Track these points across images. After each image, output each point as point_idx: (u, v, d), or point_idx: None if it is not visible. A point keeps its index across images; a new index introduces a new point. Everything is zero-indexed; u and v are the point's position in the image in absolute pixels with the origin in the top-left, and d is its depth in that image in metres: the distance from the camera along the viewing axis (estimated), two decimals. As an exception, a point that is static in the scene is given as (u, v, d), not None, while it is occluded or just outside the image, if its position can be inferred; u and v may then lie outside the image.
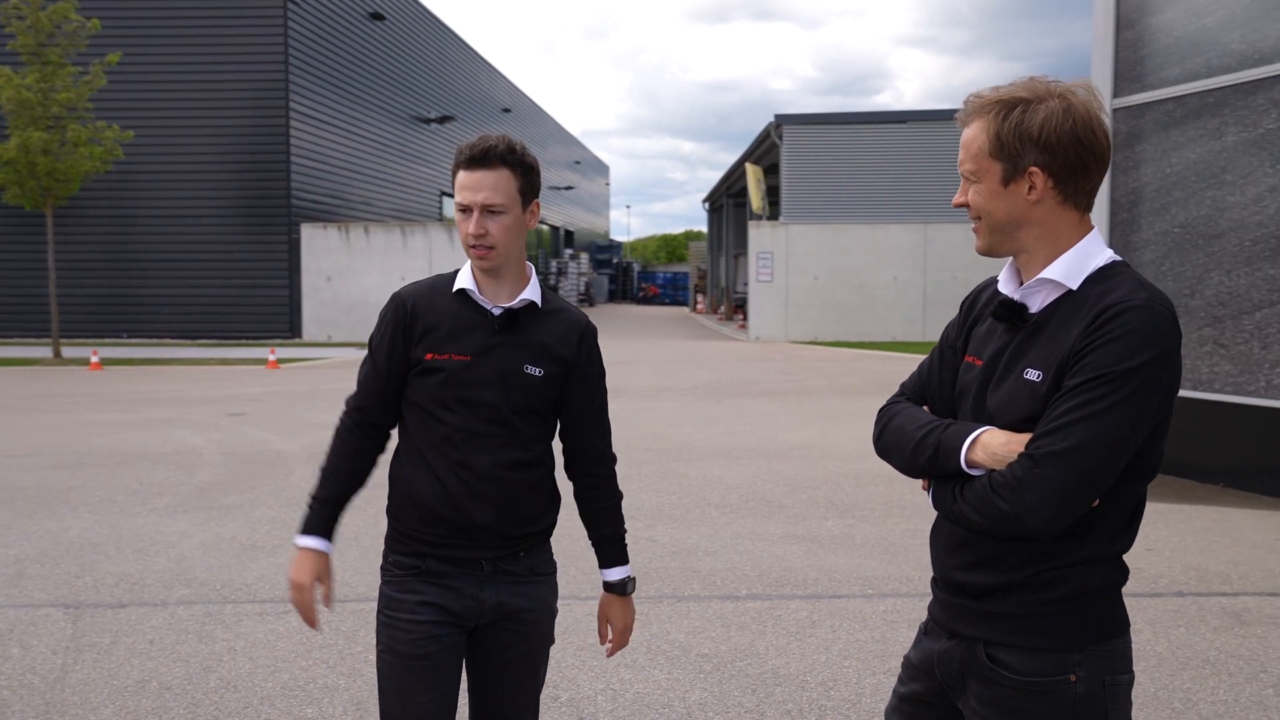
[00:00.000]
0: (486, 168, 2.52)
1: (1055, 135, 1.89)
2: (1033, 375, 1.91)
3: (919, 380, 2.20)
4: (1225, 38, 8.49)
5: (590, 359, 2.71)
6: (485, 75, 46.31)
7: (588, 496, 2.76)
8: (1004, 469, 1.87)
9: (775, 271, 27.37)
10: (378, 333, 2.66)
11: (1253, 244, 8.25)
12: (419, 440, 2.61)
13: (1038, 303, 1.98)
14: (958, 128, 2.06)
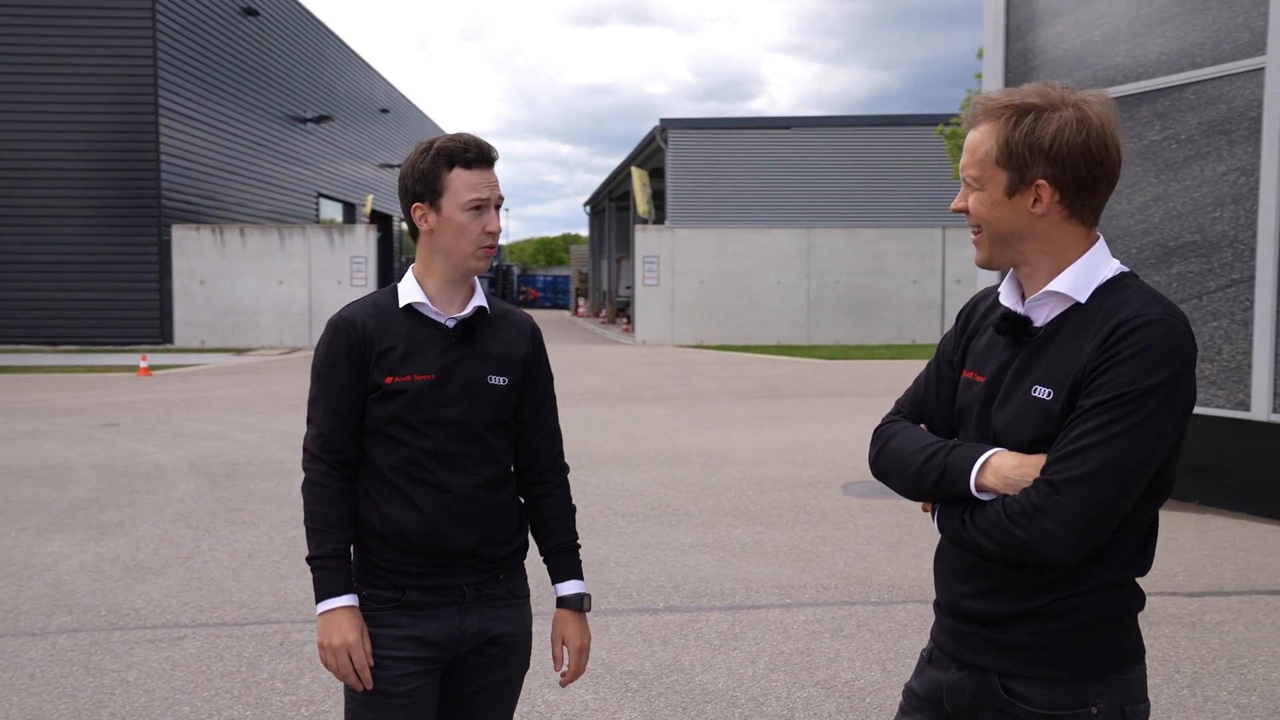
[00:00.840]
0: (490, 165, 2.45)
1: (1067, 147, 1.81)
2: (1042, 393, 1.83)
3: (915, 397, 2.11)
4: (1111, 51, 8.73)
5: (541, 361, 2.62)
6: (362, 74, 45.37)
7: (540, 506, 2.63)
8: (1018, 494, 1.78)
9: (661, 275, 27.42)
10: (326, 364, 2.47)
11: (1139, 251, 8.50)
12: (384, 467, 2.45)
13: (1043, 316, 1.90)
14: (962, 128, 1.97)
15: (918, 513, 7.91)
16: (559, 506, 2.63)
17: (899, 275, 28.08)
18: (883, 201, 29.22)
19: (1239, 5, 7.78)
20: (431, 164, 2.43)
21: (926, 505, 2.03)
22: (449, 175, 2.41)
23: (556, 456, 2.65)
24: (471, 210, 2.42)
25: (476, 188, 2.40)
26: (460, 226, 2.43)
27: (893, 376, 19.21)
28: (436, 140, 2.45)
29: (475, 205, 2.41)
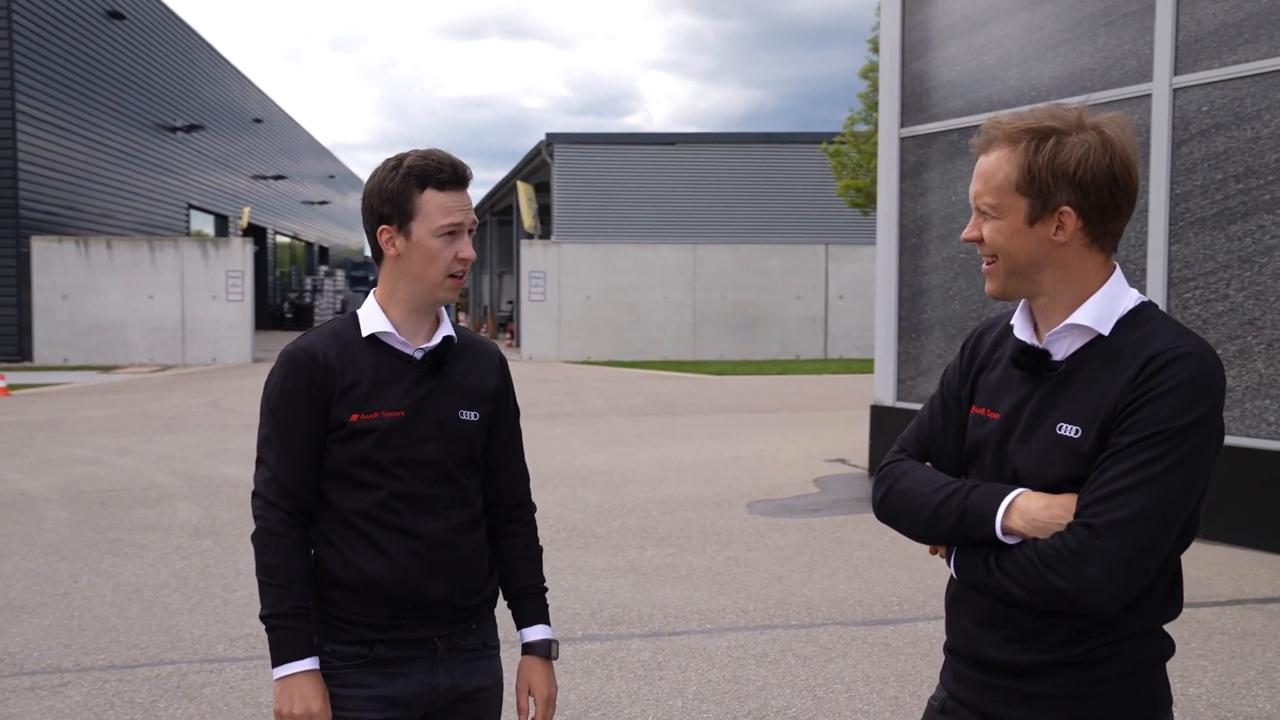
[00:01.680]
0: (464, 187, 2.25)
1: (1092, 173, 1.73)
2: (1069, 431, 1.74)
3: (919, 434, 2.00)
4: (1004, 74, 8.92)
5: (509, 393, 2.45)
6: (235, 83, 44.04)
7: (505, 546, 2.45)
8: (1051, 539, 1.69)
9: (548, 290, 27.22)
10: (282, 401, 2.25)
11: (1034, 270, 8.68)
12: (347, 511, 2.24)
13: (1063, 349, 1.82)
14: (971, 153, 1.88)
15: (828, 532, 7.90)
16: (525, 547, 2.46)
17: (783, 291, 28.43)
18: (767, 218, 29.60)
19: (1126, 34, 8.02)
20: (401, 184, 2.24)
21: (937, 549, 1.93)
22: (420, 197, 2.22)
23: (524, 495, 2.49)
24: (444, 236, 2.23)
25: (450, 211, 2.22)
26: (431, 253, 2.24)
27: (782, 392, 19.38)
28: (407, 157, 2.25)
29: (448, 231, 2.22)
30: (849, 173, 24.36)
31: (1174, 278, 7.69)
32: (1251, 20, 7.27)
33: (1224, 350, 7.41)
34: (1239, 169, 7.33)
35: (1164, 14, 7.71)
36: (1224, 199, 7.41)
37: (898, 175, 9.83)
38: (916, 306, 9.74)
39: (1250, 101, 7.27)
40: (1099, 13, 8.19)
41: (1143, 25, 7.89)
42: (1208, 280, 7.51)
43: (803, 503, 9.05)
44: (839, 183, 24.64)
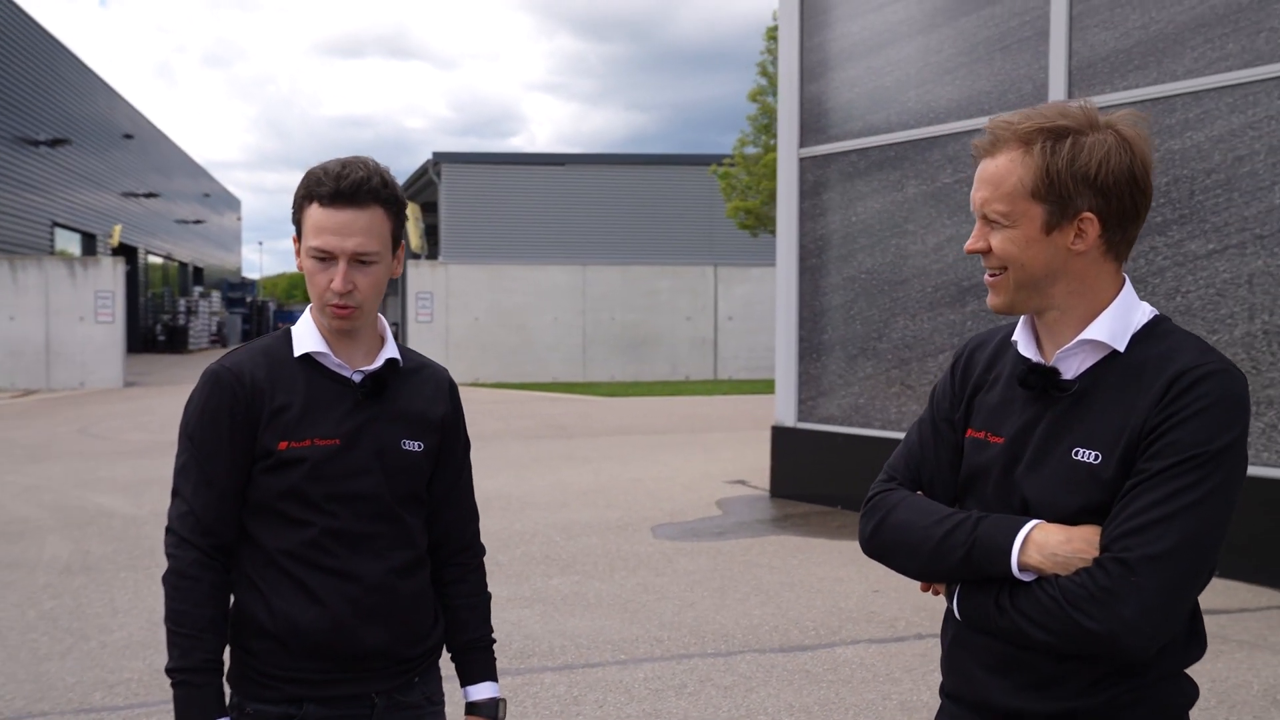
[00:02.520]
0: (357, 205, 1.96)
1: (1114, 175, 1.60)
2: (1086, 456, 1.60)
3: (909, 461, 1.84)
4: (903, 96, 8.99)
5: (459, 422, 2.23)
6: (104, 97, 42.35)
7: (451, 593, 2.23)
8: (1076, 576, 1.54)
9: (435, 312, 26.71)
10: (202, 425, 2.01)
11: (934, 290, 8.74)
12: (274, 551, 2.00)
13: (1074, 368, 1.68)
14: (972, 156, 1.73)
15: (735, 555, 7.78)
16: (472, 594, 2.24)
17: (673, 312, 28.45)
18: (656, 239, 29.62)
19: (1021, 58, 8.15)
20: (298, 192, 2.02)
21: (935, 587, 1.77)
22: (306, 210, 2.00)
23: (472, 536, 2.26)
24: (315, 259, 1.99)
25: (320, 232, 1.96)
26: (308, 274, 2.01)
27: (675, 413, 19.31)
28: (322, 162, 2.03)
29: (317, 256, 1.98)
30: (739, 194, 24.52)
31: (1071, 298, 7.80)
32: (1141, 48, 7.45)
33: (1120, 369, 7.54)
34: (1133, 191, 7.47)
35: (1058, 40, 7.86)
36: (1119, 221, 7.56)
37: (797, 195, 9.83)
38: (817, 327, 9.74)
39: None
40: (995, 37, 8.31)
41: (1038, 50, 8.03)
42: (1104, 300, 7.64)
43: (707, 525, 8.92)
44: (729, 204, 24.77)
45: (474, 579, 2.25)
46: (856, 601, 6.49)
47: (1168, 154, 7.29)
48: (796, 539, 8.31)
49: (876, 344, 9.19)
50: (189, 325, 47.39)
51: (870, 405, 9.24)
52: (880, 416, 9.14)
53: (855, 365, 9.40)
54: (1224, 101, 7.03)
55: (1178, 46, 7.27)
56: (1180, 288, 7.22)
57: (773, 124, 24.46)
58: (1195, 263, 7.15)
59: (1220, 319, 7.02)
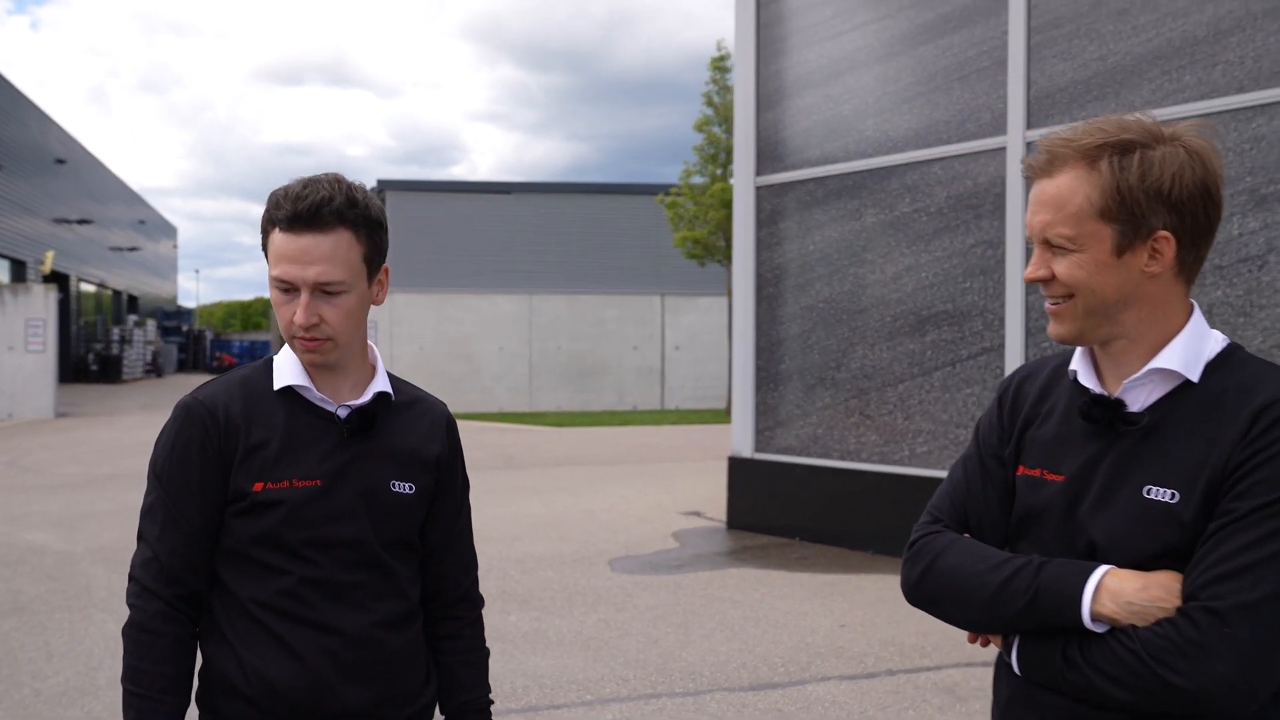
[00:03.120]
0: (318, 229, 1.77)
1: (1188, 190, 1.48)
2: (1162, 495, 1.47)
3: (955, 501, 1.70)
4: (861, 125, 8.97)
5: (457, 462, 2.05)
6: (34, 121, 41.43)
7: (446, 649, 2.04)
8: (1158, 627, 1.41)
9: (379, 340, 26.31)
10: (170, 463, 1.83)
11: (894, 320, 8.70)
12: (247, 601, 1.82)
13: (1140, 400, 1.55)
14: (1024, 176, 1.60)
15: (696, 589, 7.61)
16: (469, 651, 2.05)
17: (620, 341, 28.32)
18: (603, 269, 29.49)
19: (980, 88, 8.16)
20: (264, 216, 1.84)
21: (985, 638, 1.62)
22: (270, 236, 1.82)
23: (470, 587, 2.08)
24: (279, 289, 1.81)
25: (280, 261, 1.79)
26: (274, 305, 1.84)
27: (625, 444, 19.15)
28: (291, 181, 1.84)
29: (279, 286, 1.81)
30: (686, 224, 24.52)
31: (1031, 327, 7.79)
32: (1099, 79, 7.49)
33: (1081, 398, 7.53)
34: (1092, 221, 7.49)
35: (1016, 70, 7.88)
36: (1078, 250, 7.57)
37: (754, 224, 9.76)
38: (774, 356, 9.65)
39: (1101, 156, 7.45)
40: (953, 67, 8.32)
41: (996, 80, 8.04)
42: (1065, 330, 7.63)
43: (665, 559, 8.75)
44: (676, 234, 24.76)
45: (471, 634, 2.07)
46: (824, 637, 6.35)
47: (1127, 184, 7.31)
48: (757, 571, 8.17)
49: (835, 374, 9.12)
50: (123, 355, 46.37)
51: (829, 435, 9.16)
52: (839, 447, 9.05)
53: (813, 395, 9.31)
54: (1182, 132, 7.06)
55: (1135, 78, 7.31)
56: (1141, 317, 7.23)
57: (719, 154, 24.54)
58: (1156, 292, 7.16)
59: (1181, 348, 7.02)
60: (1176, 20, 7.15)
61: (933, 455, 8.40)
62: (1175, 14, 7.15)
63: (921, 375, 8.49)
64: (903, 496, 8.52)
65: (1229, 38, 6.94)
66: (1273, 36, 6.77)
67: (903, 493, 8.52)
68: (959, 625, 1.62)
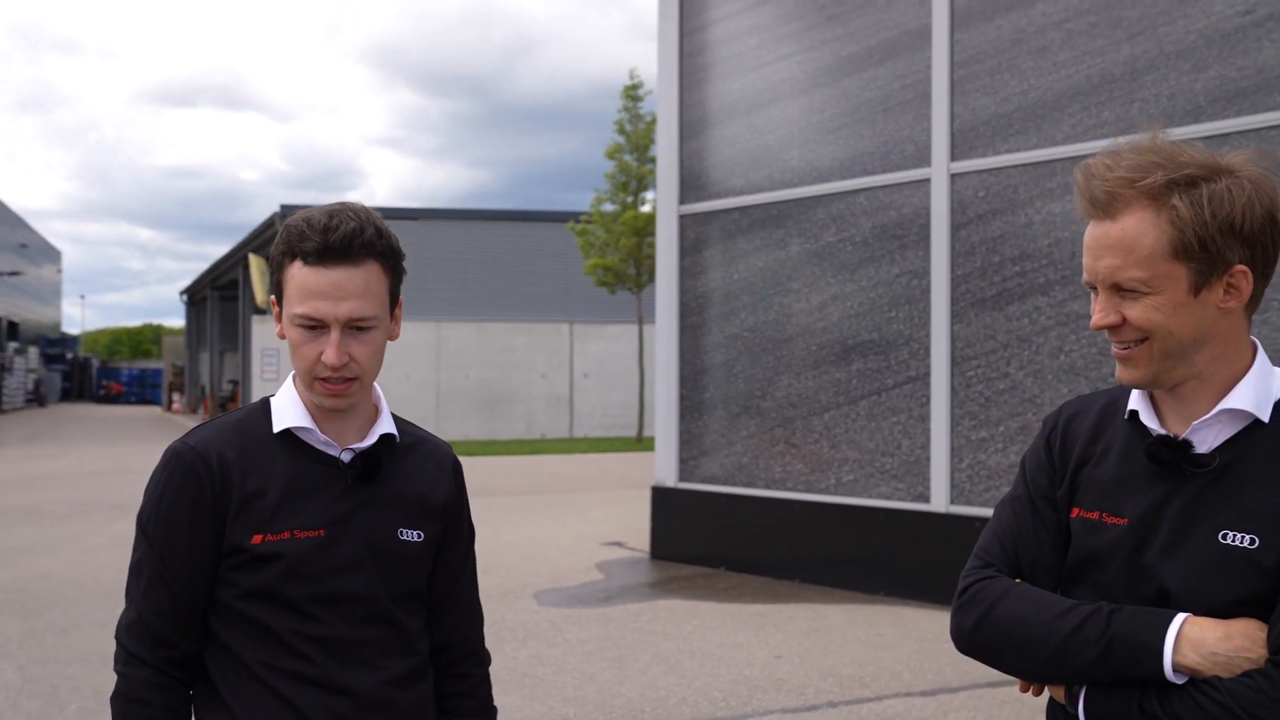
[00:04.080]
0: (350, 263, 1.65)
1: (1258, 221, 1.46)
2: (1240, 540, 1.43)
3: (1004, 544, 1.63)
4: (786, 155, 9.03)
5: (463, 507, 1.94)
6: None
7: (453, 707, 1.92)
8: (1250, 678, 1.36)
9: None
10: (159, 517, 1.68)
11: (819, 349, 8.73)
12: (248, 659, 1.67)
13: (1208, 441, 1.50)
14: (1080, 218, 1.54)
15: (627, 622, 7.49)
16: (480, 713, 1.92)
17: (528, 370, 28.11)
18: (511, 296, 29.28)
19: (904, 120, 8.28)
20: (277, 248, 1.71)
21: (1036, 688, 1.56)
22: (288, 270, 1.69)
23: (477, 642, 1.96)
24: (302, 328, 1.69)
25: (308, 297, 1.66)
26: (293, 344, 1.71)
27: (538, 473, 18.94)
28: (304, 212, 1.71)
29: (304, 324, 1.68)
30: (597, 251, 24.48)
31: (957, 356, 7.89)
32: (1021, 113, 7.65)
33: (1006, 427, 7.63)
34: (1015, 253, 7.63)
35: (939, 103, 8.01)
36: (1002, 281, 7.70)
37: (677, 252, 9.74)
38: (698, 385, 9.61)
39: (1023, 189, 7.60)
40: (878, 99, 8.43)
41: (920, 113, 8.16)
42: (989, 359, 7.74)
43: (591, 591, 8.61)
44: (586, 262, 24.68)
45: (481, 694, 1.95)
46: (761, 669, 6.29)
47: (1049, 216, 7.46)
48: (686, 603, 8.08)
49: (760, 402, 9.11)
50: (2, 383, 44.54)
51: (754, 464, 9.14)
52: (764, 476, 9.03)
53: (738, 424, 9.29)
54: (1102, 166, 7.24)
55: (1056, 113, 7.48)
56: (1064, 347, 7.37)
57: (630, 182, 24.58)
58: (1078, 322, 7.31)
59: (1103, 377, 7.17)
60: (1094, 58, 7.35)
61: (859, 484, 8.44)
62: (1093, 52, 7.35)
63: (847, 404, 8.53)
64: (829, 525, 8.54)
65: (1144, 76, 7.15)
66: (1185, 76, 7.00)
67: (829, 521, 8.54)
68: (1020, 675, 1.55)
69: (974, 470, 7.80)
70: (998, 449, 7.69)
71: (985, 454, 7.75)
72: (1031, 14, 7.63)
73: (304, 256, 1.66)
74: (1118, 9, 7.26)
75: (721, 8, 9.55)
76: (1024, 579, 1.62)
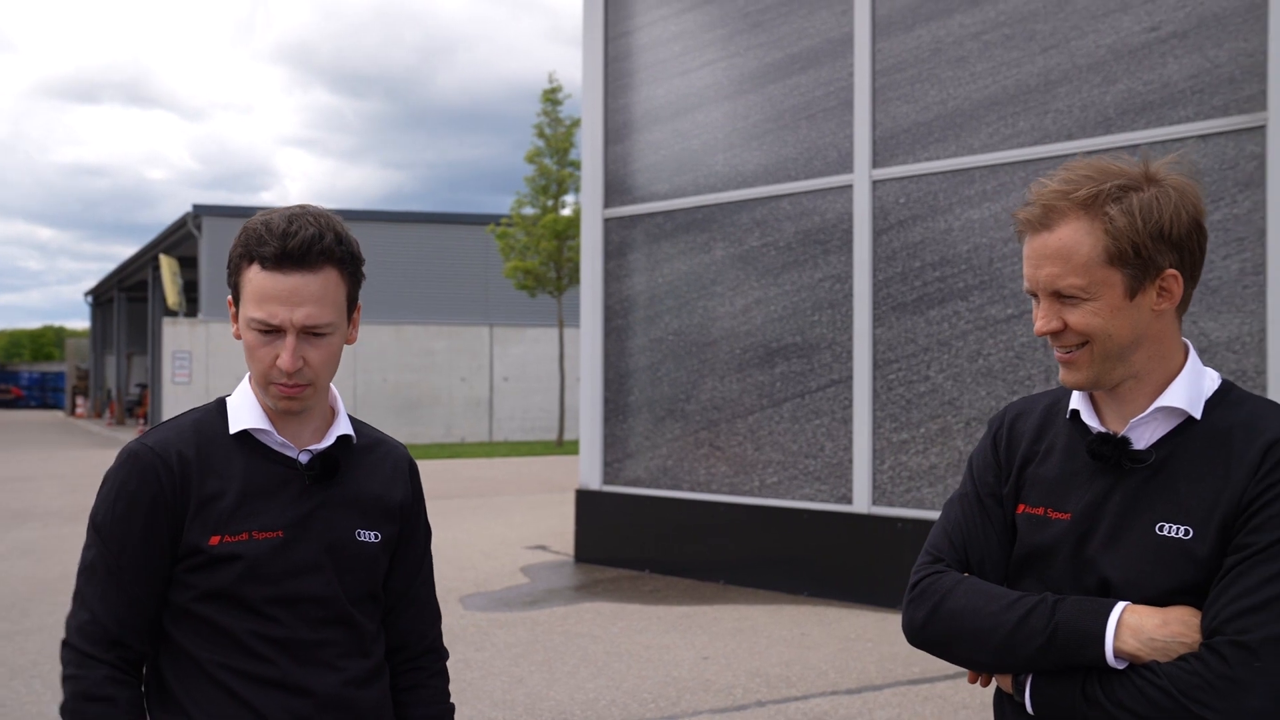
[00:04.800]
0: (307, 268, 1.66)
1: (1184, 227, 1.53)
2: (1175, 531, 1.50)
3: (954, 540, 1.69)
4: (710, 160, 9.11)
5: (420, 507, 1.94)
6: None
7: (409, 702, 1.92)
8: (1187, 662, 1.43)
9: (194, 372, 25.12)
10: (113, 517, 1.66)
11: (743, 352, 8.82)
12: (205, 661, 1.66)
13: (1145, 437, 1.58)
14: (1017, 234, 1.61)
15: (554, 625, 7.49)
16: (434, 702, 1.93)
17: (448, 373, 27.89)
18: (431, 299, 29.04)
19: (826, 127, 8.41)
20: (234, 251, 1.71)
21: (984, 676, 1.61)
22: (245, 273, 1.69)
23: (435, 639, 1.97)
24: (258, 331, 1.69)
25: (264, 301, 1.66)
26: (248, 347, 1.71)
27: (459, 476, 18.81)
28: (263, 212, 1.71)
29: (260, 329, 1.68)
30: (517, 255, 24.39)
31: (878, 359, 8.03)
32: (941, 121, 7.82)
33: (926, 429, 7.79)
34: (935, 258, 7.80)
35: (861, 111, 8.15)
36: (922, 285, 7.86)
37: (602, 256, 9.76)
38: (623, 388, 9.64)
39: (943, 196, 7.78)
40: (800, 106, 8.55)
41: (842, 120, 8.30)
42: (910, 362, 7.90)
43: (516, 594, 8.59)
44: (506, 265, 24.58)
45: (435, 686, 1.95)
46: (689, 669, 6.33)
47: (968, 222, 7.64)
48: (612, 605, 8.10)
49: (684, 405, 9.18)
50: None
51: (678, 467, 9.19)
52: (689, 478, 9.10)
53: (663, 427, 9.34)
54: (1017, 175, 7.44)
55: (974, 122, 7.67)
56: (982, 350, 7.55)
57: (550, 185, 24.54)
58: (996, 326, 7.50)
59: (1020, 380, 7.36)
60: (1011, 69, 7.55)
61: (782, 485, 8.54)
62: (1009, 64, 7.55)
63: (771, 406, 8.63)
64: (753, 527, 8.63)
65: (1058, 88, 7.36)
66: (1097, 89, 7.22)
67: (753, 523, 8.63)
68: (969, 666, 1.61)
69: (895, 472, 7.95)
70: (918, 450, 7.85)
71: (906, 455, 7.90)
72: (950, 25, 7.81)
73: (261, 261, 1.66)
74: (1032, 22, 7.47)
75: (647, 14, 9.61)
76: (973, 573, 1.67)
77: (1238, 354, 6.54)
